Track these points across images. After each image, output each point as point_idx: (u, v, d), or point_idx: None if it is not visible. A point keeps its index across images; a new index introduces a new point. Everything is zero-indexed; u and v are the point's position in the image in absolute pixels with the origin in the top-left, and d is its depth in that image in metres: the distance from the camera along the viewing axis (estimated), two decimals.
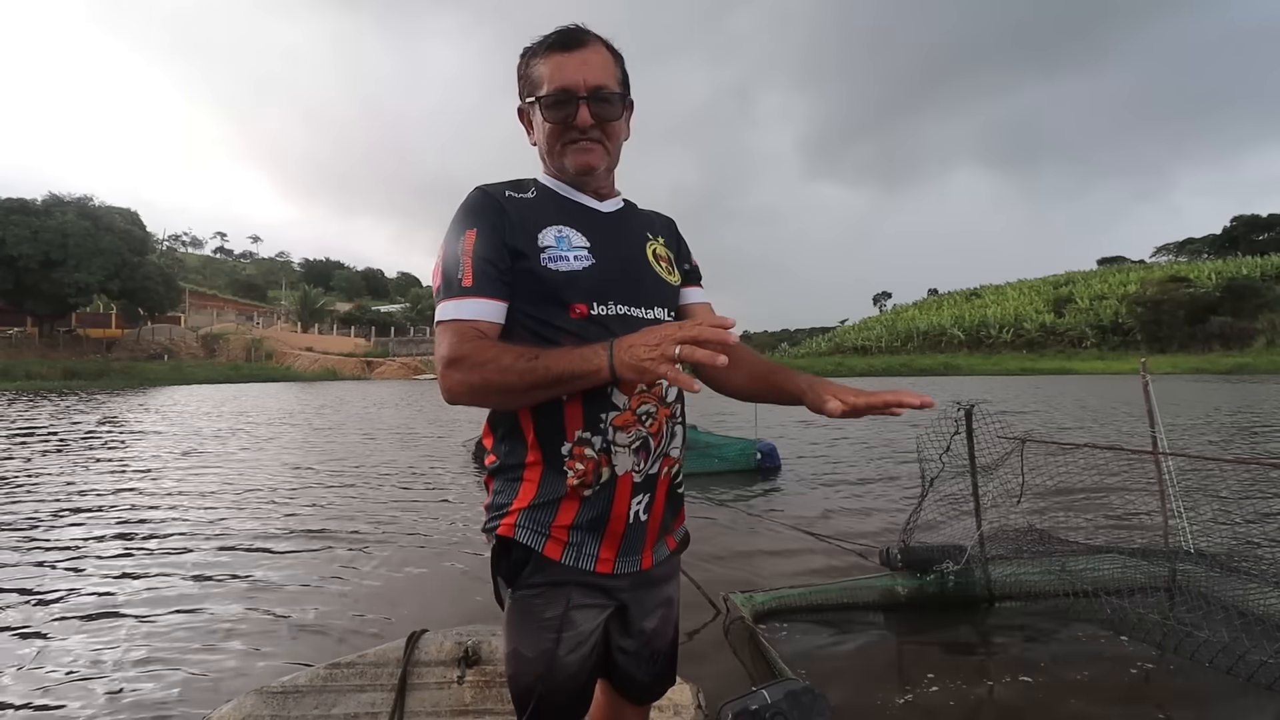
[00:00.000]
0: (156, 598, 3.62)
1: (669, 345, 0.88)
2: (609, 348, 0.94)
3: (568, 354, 0.96)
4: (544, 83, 1.09)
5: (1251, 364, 43.93)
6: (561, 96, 1.08)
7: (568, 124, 1.10)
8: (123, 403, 19.77)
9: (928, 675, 2.67)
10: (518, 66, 1.16)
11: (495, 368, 0.98)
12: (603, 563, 1.09)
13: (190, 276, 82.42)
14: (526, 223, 1.09)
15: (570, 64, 1.09)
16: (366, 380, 41.81)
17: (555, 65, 1.09)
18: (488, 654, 2.16)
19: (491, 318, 1.05)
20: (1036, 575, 3.26)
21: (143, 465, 8.15)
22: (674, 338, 0.88)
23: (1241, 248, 77.27)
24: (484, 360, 0.98)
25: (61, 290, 37.72)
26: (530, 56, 1.13)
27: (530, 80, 1.12)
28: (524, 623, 1.09)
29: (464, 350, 1.00)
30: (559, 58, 1.09)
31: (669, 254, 1.27)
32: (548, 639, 1.08)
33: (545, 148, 1.15)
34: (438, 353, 1.05)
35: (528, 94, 1.14)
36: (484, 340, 1.02)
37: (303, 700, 2.03)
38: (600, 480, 1.06)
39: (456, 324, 1.03)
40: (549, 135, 1.12)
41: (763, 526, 5.16)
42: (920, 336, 71.97)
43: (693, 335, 0.88)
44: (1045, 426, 12.30)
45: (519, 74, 1.16)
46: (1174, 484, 3.18)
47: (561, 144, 1.12)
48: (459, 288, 1.04)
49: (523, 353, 0.98)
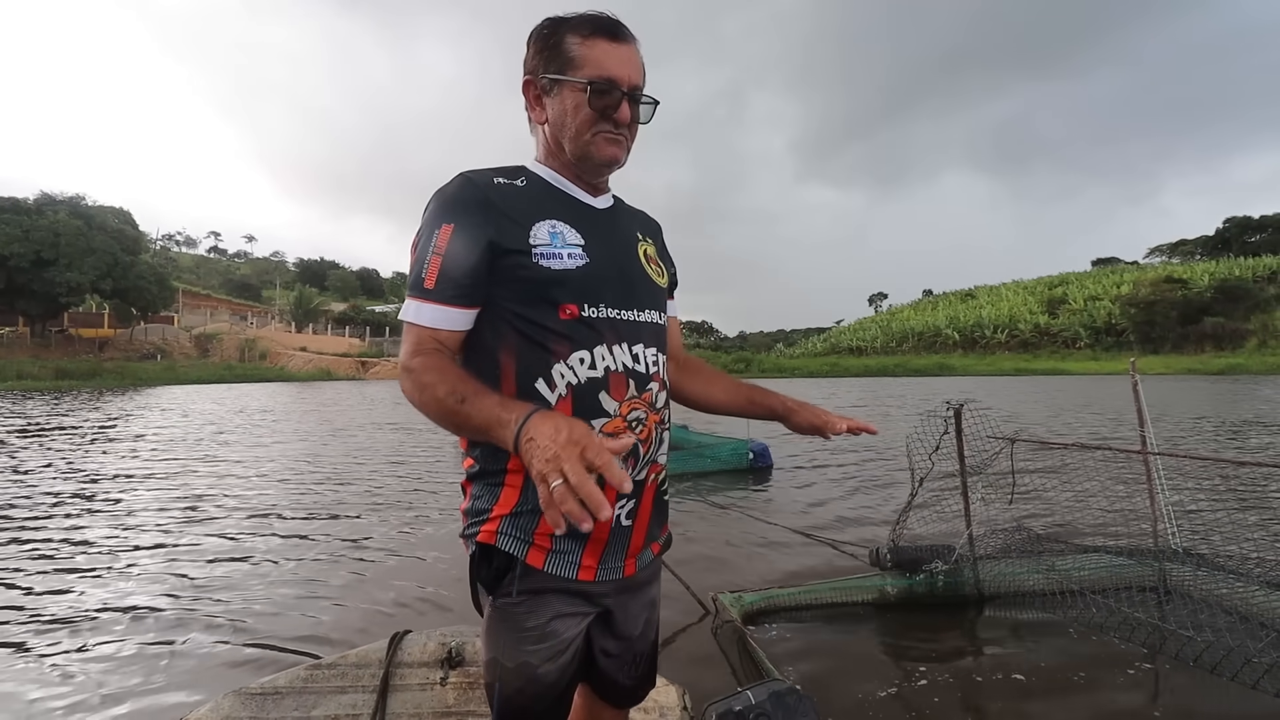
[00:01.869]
0: (133, 597, 3.58)
1: (570, 463, 0.77)
2: (521, 421, 0.85)
3: (490, 407, 0.89)
4: (585, 65, 1.04)
5: (1243, 364, 44.20)
6: (607, 86, 1.04)
7: (606, 115, 1.06)
8: (111, 405, 19.65)
9: (916, 675, 2.66)
10: (540, 35, 1.08)
11: (430, 396, 0.94)
12: (585, 570, 1.06)
13: (184, 276, 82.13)
14: (517, 214, 1.04)
15: (618, 55, 1.06)
16: (361, 380, 41.65)
17: (602, 52, 1.05)
18: (471, 655, 2.14)
19: (449, 325, 1.02)
20: (1025, 575, 3.26)
21: (127, 465, 8.10)
22: (572, 460, 0.77)
23: (1234, 249, 77.70)
24: (424, 383, 0.95)
25: (53, 290, 37.47)
26: (566, 31, 1.06)
27: (563, 56, 1.05)
28: (504, 631, 1.06)
29: (415, 363, 0.98)
30: (606, 45, 1.05)
31: (658, 256, 1.24)
32: (527, 649, 1.05)
33: (571, 131, 1.07)
34: (401, 350, 1.03)
35: (556, 69, 1.06)
36: (436, 357, 0.98)
37: (282, 701, 2.00)
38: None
39: (417, 330, 1.01)
40: (583, 120, 1.06)
41: (754, 526, 5.15)
42: (915, 337, 72.26)
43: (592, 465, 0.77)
44: (1037, 426, 12.34)
45: (541, 43, 1.07)
46: (1162, 483, 3.18)
47: (593, 132, 1.07)
48: (421, 288, 1.01)
49: (455, 390, 0.92)
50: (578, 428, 0.82)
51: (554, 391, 1.02)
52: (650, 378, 1.10)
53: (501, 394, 0.95)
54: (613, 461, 0.78)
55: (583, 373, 1.03)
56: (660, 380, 1.13)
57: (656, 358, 1.13)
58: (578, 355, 1.03)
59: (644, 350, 1.10)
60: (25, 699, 2.51)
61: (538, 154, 1.16)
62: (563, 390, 1.02)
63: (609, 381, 1.04)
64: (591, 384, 1.03)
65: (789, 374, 51.26)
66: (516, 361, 1.03)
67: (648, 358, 1.10)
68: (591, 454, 0.78)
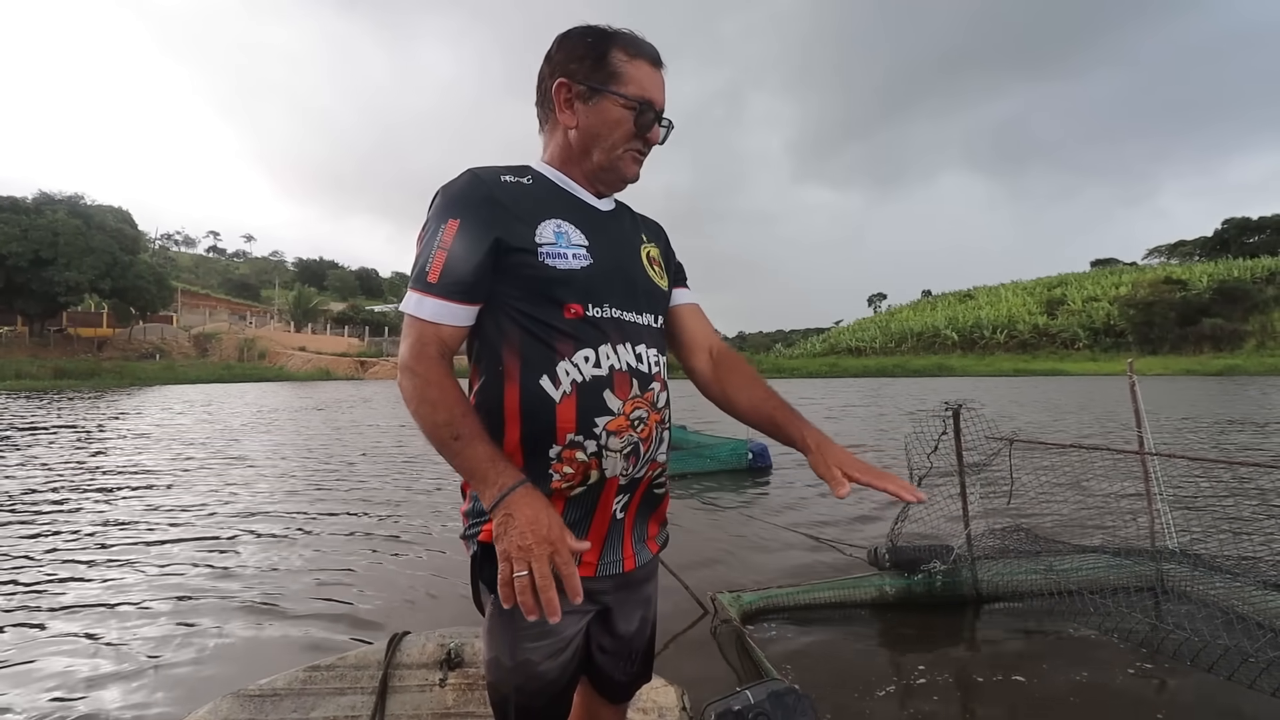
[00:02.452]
0: (129, 598, 3.58)
1: (539, 562, 0.90)
2: (505, 492, 0.94)
3: (480, 460, 0.96)
4: (631, 83, 1.08)
5: (1242, 365, 44.28)
6: (651, 109, 1.10)
7: (641, 134, 1.11)
8: (113, 404, 19.63)
9: (914, 675, 2.67)
10: (585, 43, 1.09)
11: (428, 417, 0.98)
12: (585, 566, 1.07)
13: (183, 276, 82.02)
14: (523, 213, 1.05)
15: (657, 81, 1.12)
16: (360, 380, 41.62)
17: (647, 75, 1.10)
18: (470, 656, 2.14)
19: (451, 321, 1.02)
20: (1023, 575, 3.26)
21: (120, 463, 8.09)
22: (542, 560, 0.90)
23: (1233, 250, 77.78)
24: (427, 399, 0.98)
25: (52, 289, 37.43)
26: (614, 45, 1.09)
27: (610, 70, 1.08)
28: (505, 629, 1.07)
29: (420, 369, 1.00)
30: (649, 69, 1.10)
31: (660, 258, 1.25)
32: (528, 646, 1.06)
33: (607, 143, 1.10)
34: (401, 345, 1.03)
35: (599, 81, 1.08)
36: (439, 370, 1.00)
37: (281, 703, 2.00)
38: (588, 483, 1.05)
39: (420, 325, 1.01)
40: (621, 135, 1.10)
41: (752, 526, 5.15)
42: (914, 337, 72.29)
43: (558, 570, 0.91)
44: (1035, 427, 12.35)
45: (588, 52, 1.09)
46: (1160, 484, 3.19)
47: (624, 148, 1.11)
48: (425, 282, 1.01)
49: (453, 423, 0.97)
50: (555, 526, 0.93)
51: (559, 389, 1.02)
52: (652, 378, 1.11)
53: (493, 445, 0.99)
54: (575, 573, 0.92)
55: (588, 370, 1.04)
56: (661, 381, 1.14)
57: (658, 358, 1.14)
58: (582, 353, 1.04)
59: (646, 350, 1.11)
60: (12, 701, 2.51)
61: (546, 155, 1.17)
62: (567, 388, 1.03)
63: (613, 380, 1.05)
64: (596, 382, 1.04)
65: (788, 374, 51.25)
66: (521, 359, 1.04)
67: (650, 358, 1.11)
68: (560, 561, 0.91)
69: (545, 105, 1.14)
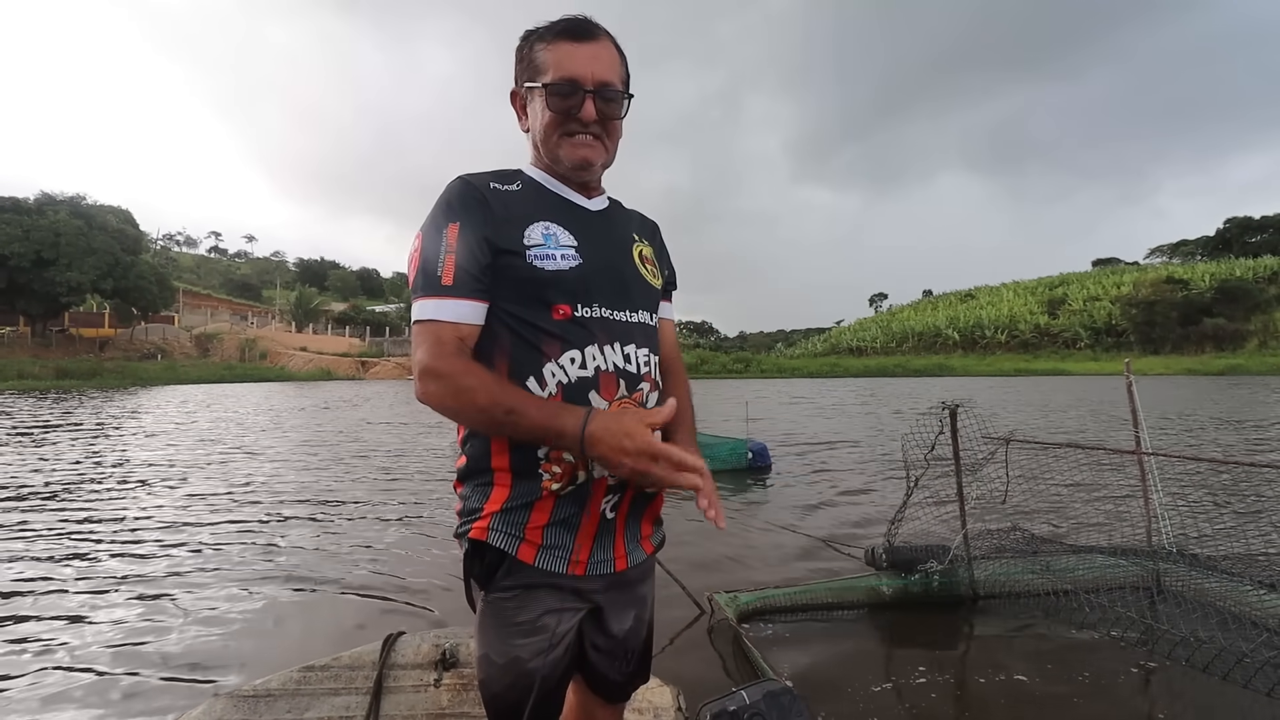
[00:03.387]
0: (120, 598, 3.59)
1: (647, 460, 0.94)
2: (584, 418, 0.95)
3: (542, 418, 0.96)
4: (549, 69, 1.07)
5: (1243, 365, 44.22)
6: (567, 88, 1.06)
7: (569, 115, 1.07)
8: (116, 404, 19.65)
9: (911, 675, 2.67)
10: (518, 48, 1.13)
11: (469, 403, 0.98)
12: (575, 564, 1.07)
13: (184, 276, 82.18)
14: (512, 217, 1.06)
15: (580, 55, 1.07)
16: (361, 380, 41.66)
17: (564, 54, 1.07)
18: (465, 657, 2.13)
19: (472, 320, 1.03)
20: (1020, 575, 3.26)
21: (123, 458, 8.11)
22: (645, 466, 0.95)
23: (1235, 249, 77.66)
24: (463, 388, 0.98)
25: (54, 289, 37.49)
26: (535, 40, 1.10)
27: (533, 64, 1.09)
28: (496, 627, 1.07)
29: (444, 367, 0.99)
30: (568, 47, 1.07)
31: (654, 256, 1.25)
32: (517, 643, 1.06)
33: (541, 136, 1.11)
34: (415, 355, 1.03)
35: (528, 78, 1.10)
36: (464, 361, 1.00)
37: (275, 704, 2.00)
38: (576, 482, 1.05)
39: (437, 327, 1.01)
40: (548, 124, 1.09)
41: (750, 526, 5.15)
42: (915, 337, 72.27)
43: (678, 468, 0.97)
44: (1033, 427, 12.33)
45: (519, 55, 1.12)
46: (1157, 483, 3.19)
47: (559, 135, 1.09)
48: (439, 286, 1.01)
49: (496, 400, 0.96)
50: (639, 434, 0.95)
51: (544, 390, 1.03)
52: (641, 378, 1.11)
53: (541, 400, 1.00)
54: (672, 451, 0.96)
55: (573, 372, 1.04)
56: (652, 381, 1.14)
57: (648, 358, 1.13)
58: (569, 355, 1.04)
59: (635, 350, 1.11)
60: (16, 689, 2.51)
61: (531, 159, 1.19)
62: (553, 389, 1.03)
63: (599, 381, 1.05)
64: (581, 383, 1.04)
65: (789, 374, 51.25)
66: (509, 361, 1.04)
67: (639, 358, 1.11)
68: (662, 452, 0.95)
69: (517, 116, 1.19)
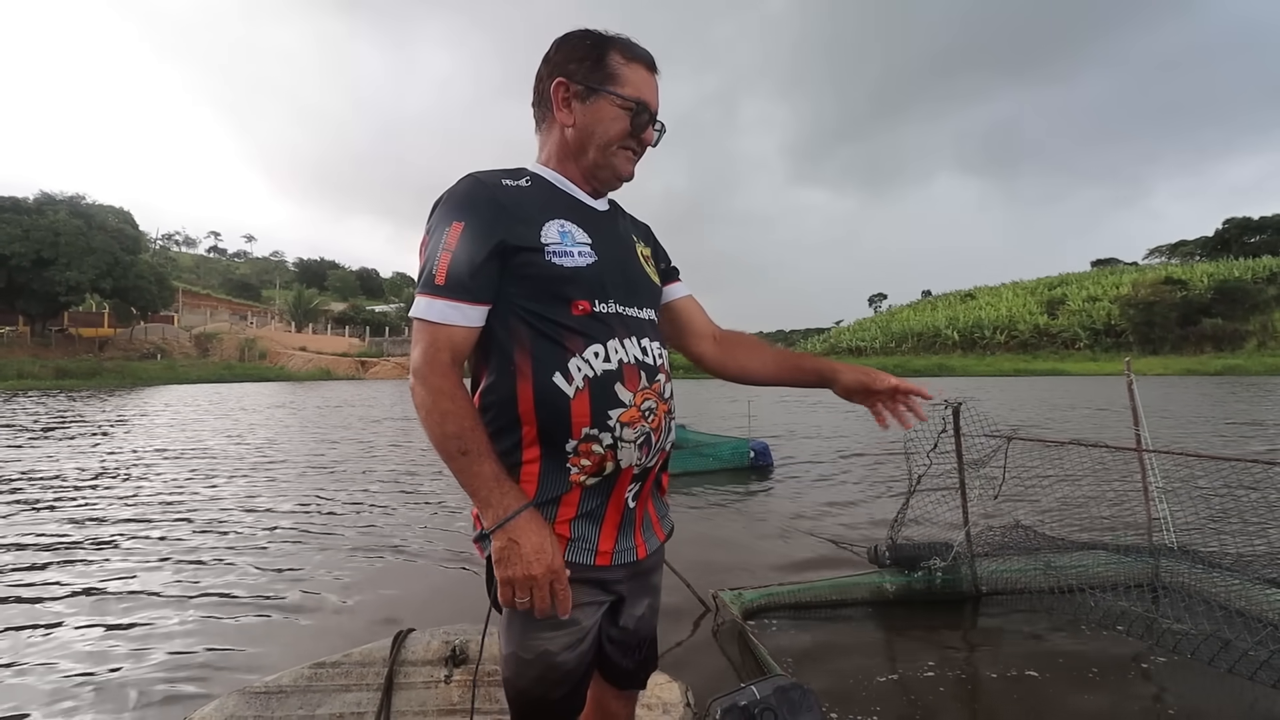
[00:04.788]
0: (134, 595, 3.61)
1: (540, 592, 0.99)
2: (509, 516, 0.98)
3: (485, 479, 0.99)
4: (627, 84, 1.12)
5: (1242, 366, 44.24)
6: (646, 110, 1.14)
7: (637, 134, 1.14)
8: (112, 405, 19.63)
9: (915, 671, 2.69)
10: (584, 45, 1.13)
11: (436, 427, 1.00)
12: (601, 555, 1.09)
13: (184, 276, 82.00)
14: (526, 214, 1.07)
15: (652, 85, 1.16)
16: (360, 380, 41.64)
17: (641, 78, 1.14)
18: (475, 653, 2.15)
19: (461, 323, 1.03)
20: (1022, 571, 3.28)
21: (130, 460, 8.12)
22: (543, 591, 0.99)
23: (1234, 250, 77.66)
24: (438, 409, 1.00)
25: (53, 289, 37.44)
26: (610, 47, 1.12)
27: (608, 71, 1.12)
28: (524, 624, 1.08)
29: (433, 381, 1.01)
30: (645, 73, 1.14)
31: (652, 256, 1.29)
32: (547, 637, 1.08)
33: (601, 141, 1.13)
34: (413, 351, 1.05)
35: (599, 81, 1.11)
36: (452, 381, 1.02)
37: (287, 700, 2.01)
38: (603, 473, 1.07)
39: (432, 330, 1.02)
40: (616, 133, 1.13)
41: (754, 524, 5.17)
42: (914, 338, 72.22)
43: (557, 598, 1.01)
44: (1034, 425, 12.35)
45: (586, 53, 1.12)
46: (1158, 481, 3.21)
47: (619, 146, 1.14)
48: (433, 284, 1.02)
49: (461, 436, 0.99)
50: (557, 554, 1.00)
51: (571, 384, 1.04)
52: (658, 369, 1.14)
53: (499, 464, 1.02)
54: (570, 596, 1.02)
55: (598, 365, 1.06)
56: (666, 372, 1.17)
57: (660, 351, 1.17)
58: (592, 349, 1.06)
59: (650, 344, 1.14)
60: (15, 696, 2.53)
61: (542, 156, 1.20)
62: (579, 383, 1.04)
63: (623, 373, 1.07)
64: (607, 376, 1.06)
65: None
66: (532, 358, 1.05)
67: (654, 350, 1.14)
68: (559, 588, 1.00)
69: (543, 105, 1.17)
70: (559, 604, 1.01)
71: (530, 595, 0.99)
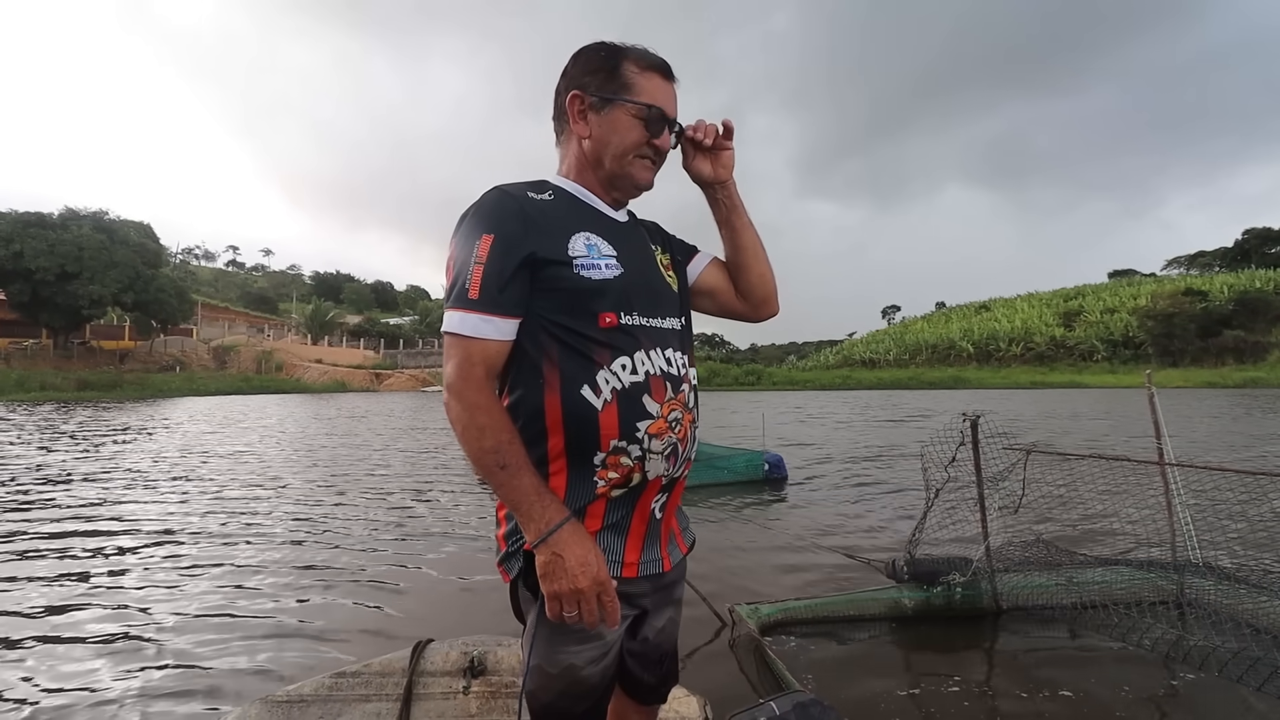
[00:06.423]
0: (155, 606, 3.64)
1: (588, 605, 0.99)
2: (553, 528, 0.98)
3: (526, 491, 1.00)
4: (642, 92, 1.13)
5: (1264, 378, 43.48)
6: (661, 115, 1.14)
7: (652, 139, 1.15)
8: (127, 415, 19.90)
9: (934, 687, 2.65)
10: (598, 56, 1.14)
11: (474, 443, 1.00)
12: (628, 567, 1.10)
13: (202, 289, 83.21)
14: (552, 227, 1.07)
15: (669, 92, 1.17)
16: (375, 392, 41.96)
17: (657, 85, 1.15)
18: (493, 664, 2.16)
19: (495, 336, 1.03)
20: (1044, 587, 3.23)
21: (145, 471, 8.21)
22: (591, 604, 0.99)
23: (1254, 261, 76.58)
24: (475, 424, 1.00)
25: (76, 302, 38.17)
26: (624, 58, 1.13)
27: (622, 81, 1.13)
28: (550, 635, 1.08)
29: (470, 396, 1.01)
30: (660, 81, 1.16)
31: (670, 263, 1.29)
32: (573, 650, 1.08)
33: (616, 150, 1.14)
34: (446, 366, 1.05)
35: (614, 91, 1.12)
36: (488, 396, 1.02)
37: (307, 709, 2.03)
38: (630, 485, 1.07)
39: (465, 344, 1.02)
40: (632, 141, 1.14)
41: (769, 538, 5.14)
42: (929, 349, 71.70)
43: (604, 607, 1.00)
44: (1053, 439, 12.19)
45: (601, 64, 1.14)
46: (1181, 495, 3.16)
47: (635, 155, 1.15)
48: (465, 298, 1.02)
49: (499, 450, 0.99)
50: (602, 565, 1.00)
51: (599, 397, 1.05)
52: (682, 379, 1.14)
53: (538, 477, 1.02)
54: (618, 606, 1.02)
55: (626, 378, 1.06)
56: (690, 382, 1.17)
57: (684, 360, 1.17)
58: (620, 361, 1.06)
59: (674, 354, 1.14)
60: (38, 704, 2.56)
61: (562, 168, 1.21)
62: (608, 396, 1.05)
63: (650, 385, 1.08)
64: (635, 388, 1.07)
65: (801, 386, 50.98)
66: (560, 371, 1.05)
67: (678, 361, 1.14)
68: (607, 599, 1.00)
69: (561, 118, 1.19)
70: (607, 616, 1.00)
71: (578, 608, 0.98)
